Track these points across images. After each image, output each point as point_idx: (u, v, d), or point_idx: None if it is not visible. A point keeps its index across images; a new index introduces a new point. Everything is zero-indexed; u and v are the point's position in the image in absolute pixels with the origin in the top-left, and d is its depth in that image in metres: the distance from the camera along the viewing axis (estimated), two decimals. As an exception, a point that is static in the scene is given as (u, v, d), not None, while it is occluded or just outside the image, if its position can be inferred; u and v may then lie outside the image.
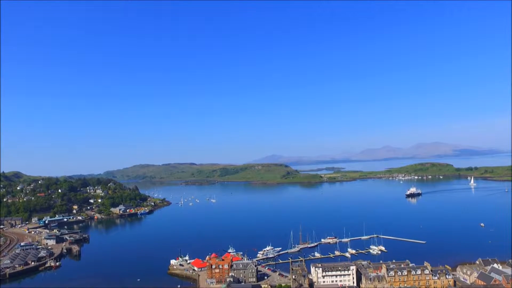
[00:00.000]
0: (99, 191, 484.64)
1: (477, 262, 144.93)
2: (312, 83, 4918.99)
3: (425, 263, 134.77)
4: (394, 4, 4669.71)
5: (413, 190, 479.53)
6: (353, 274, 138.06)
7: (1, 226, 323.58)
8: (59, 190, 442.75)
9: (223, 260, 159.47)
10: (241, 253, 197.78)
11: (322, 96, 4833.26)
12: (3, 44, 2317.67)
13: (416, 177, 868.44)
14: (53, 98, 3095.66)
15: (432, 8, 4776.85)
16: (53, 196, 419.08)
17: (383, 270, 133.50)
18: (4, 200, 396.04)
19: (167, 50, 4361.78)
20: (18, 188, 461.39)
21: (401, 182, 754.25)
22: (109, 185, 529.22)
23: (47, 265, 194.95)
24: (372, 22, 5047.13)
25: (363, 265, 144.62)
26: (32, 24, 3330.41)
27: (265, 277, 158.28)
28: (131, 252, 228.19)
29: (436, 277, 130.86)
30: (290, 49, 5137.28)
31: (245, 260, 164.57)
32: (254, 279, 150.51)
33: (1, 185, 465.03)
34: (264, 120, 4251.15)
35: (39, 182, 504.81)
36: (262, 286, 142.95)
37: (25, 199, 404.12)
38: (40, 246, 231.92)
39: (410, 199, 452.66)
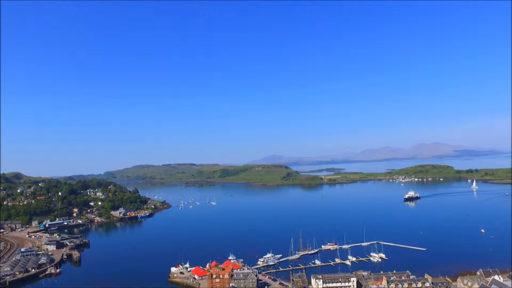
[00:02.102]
0: (99, 194, 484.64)
1: (478, 273, 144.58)
2: (312, 83, 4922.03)
3: (426, 276, 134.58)
4: (395, 4, 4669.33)
5: (411, 193, 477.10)
6: (353, 285, 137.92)
7: (1, 230, 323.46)
8: (59, 193, 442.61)
9: (223, 269, 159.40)
10: (241, 260, 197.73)
11: (322, 96, 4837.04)
12: (3, 43, 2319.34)
13: (416, 179, 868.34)
14: (53, 98, 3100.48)
15: (432, 8, 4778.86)
16: (53, 199, 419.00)
17: (384, 283, 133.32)
18: (5, 203, 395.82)
19: (167, 50, 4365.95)
20: (18, 190, 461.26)
21: (402, 184, 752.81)
22: (109, 187, 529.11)
23: (48, 272, 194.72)
24: (372, 21, 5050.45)
25: (363, 276, 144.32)
26: (32, 23, 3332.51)
27: (266, 287, 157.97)
28: (132, 258, 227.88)
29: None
30: (290, 48, 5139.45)
31: (246, 270, 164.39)
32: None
33: (1, 188, 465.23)
34: (264, 120, 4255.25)
35: (40, 184, 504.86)
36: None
37: (25, 202, 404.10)
38: (41, 252, 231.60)
39: (408, 203, 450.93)
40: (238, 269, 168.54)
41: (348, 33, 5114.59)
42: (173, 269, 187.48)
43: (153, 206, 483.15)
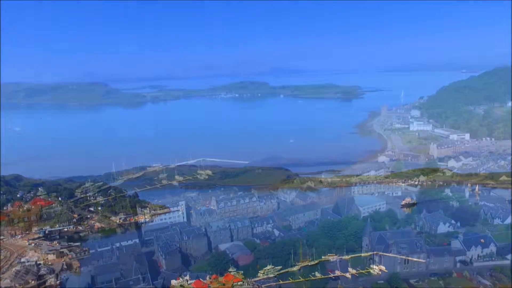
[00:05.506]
0: (99, 199, 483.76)
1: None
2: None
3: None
4: (395, 3, 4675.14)
5: (408, 200, 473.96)
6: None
7: (1, 237, 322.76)
8: (59, 198, 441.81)
9: (224, 284, 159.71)
10: (242, 272, 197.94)
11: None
12: (4, 37, 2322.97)
13: (416, 183, 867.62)
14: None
15: (432, 7, 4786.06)
16: (53, 205, 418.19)
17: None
18: (5, 209, 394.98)
19: (166, 48, 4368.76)
20: (18, 195, 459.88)
21: (403, 188, 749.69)
22: (109, 191, 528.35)
23: (48, 283, 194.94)
24: (370, 21, 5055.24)
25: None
26: (32, 21, 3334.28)
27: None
28: (132, 267, 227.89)
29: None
30: (288, 45, 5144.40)
31: (246, 285, 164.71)
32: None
33: (2, 191, 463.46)
34: (264, 120, 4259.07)
35: (40, 189, 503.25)
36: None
37: (25, 208, 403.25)
38: (41, 262, 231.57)
39: (405, 209, 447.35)
40: (239, 283, 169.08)
41: (347, 32, 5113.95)
42: (173, 282, 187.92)
43: (153, 211, 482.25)
